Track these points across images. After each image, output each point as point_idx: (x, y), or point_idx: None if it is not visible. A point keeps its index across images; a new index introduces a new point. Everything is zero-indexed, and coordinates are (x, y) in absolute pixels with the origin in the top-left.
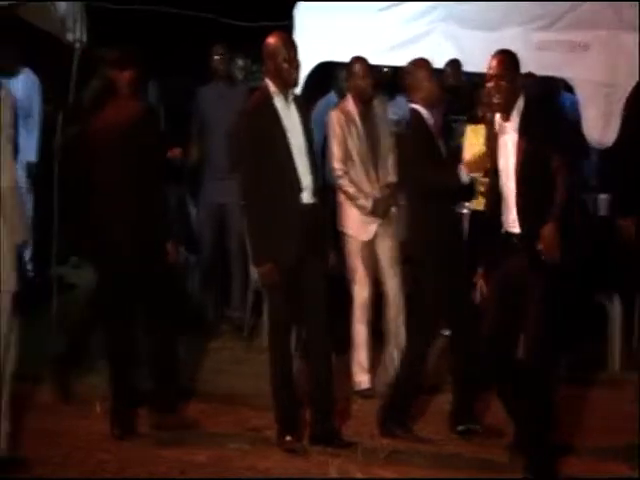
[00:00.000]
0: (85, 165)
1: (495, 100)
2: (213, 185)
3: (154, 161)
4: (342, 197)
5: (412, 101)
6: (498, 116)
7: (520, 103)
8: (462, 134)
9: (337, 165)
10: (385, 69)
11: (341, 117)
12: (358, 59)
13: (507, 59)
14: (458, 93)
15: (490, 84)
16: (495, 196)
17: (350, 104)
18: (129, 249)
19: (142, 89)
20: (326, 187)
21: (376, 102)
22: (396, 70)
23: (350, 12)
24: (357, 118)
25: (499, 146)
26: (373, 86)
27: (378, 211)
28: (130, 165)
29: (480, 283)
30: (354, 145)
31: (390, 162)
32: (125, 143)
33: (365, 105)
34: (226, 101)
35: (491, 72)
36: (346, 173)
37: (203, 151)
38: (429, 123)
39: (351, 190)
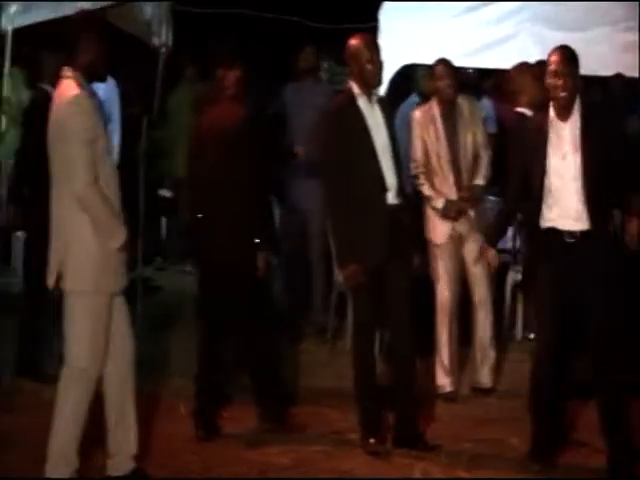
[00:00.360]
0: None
1: (557, 94)
2: (296, 187)
3: (257, 163)
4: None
5: (517, 105)
6: (552, 113)
7: (577, 102)
8: None
9: (413, 164)
10: (470, 71)
11: (421, 117)
12: (441, 61)
13: (566, 55)
14: None
15: (551, 81)
16: (539, 192)
17: (433, 105)
18: (225, 252)
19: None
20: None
21: (462, 103)
22: (481, 72)
23: (435, 14)
24: (438, 119)
25: (550, 143)
26: (455, 88)
27: (449, 212)
28: (233, 167)
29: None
30: (433, 146)
31: (480, 163)
32: (229, 144)
33: (448, 107)
34: (312, 100)
35: (551, 68)
36: (423, 173)
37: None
38: (535, 126)
39: (425, 190)
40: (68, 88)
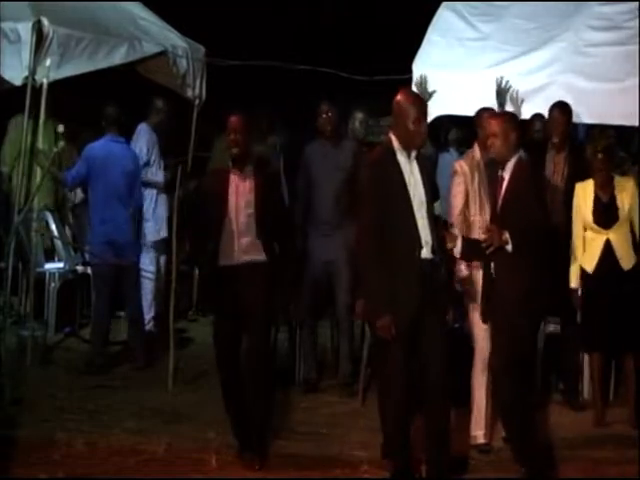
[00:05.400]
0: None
1: None
2: (318, 242)
3: None
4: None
5: None
6: None
7: None
8: None
9: (454, 218)
10: None
11: (465, 165)
12: (485, 110)
13: None
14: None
15: None
16: None
17: (476, 152)
18: None
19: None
20: None
21: None
22: None
23: (469, 66)
24: (482, 165)
25: None
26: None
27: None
28: None
29: None
30: (475, 191)
31: None
32: None
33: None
34: (332, 159)
35: None
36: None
37: (309, 208)
38: None
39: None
40: None
